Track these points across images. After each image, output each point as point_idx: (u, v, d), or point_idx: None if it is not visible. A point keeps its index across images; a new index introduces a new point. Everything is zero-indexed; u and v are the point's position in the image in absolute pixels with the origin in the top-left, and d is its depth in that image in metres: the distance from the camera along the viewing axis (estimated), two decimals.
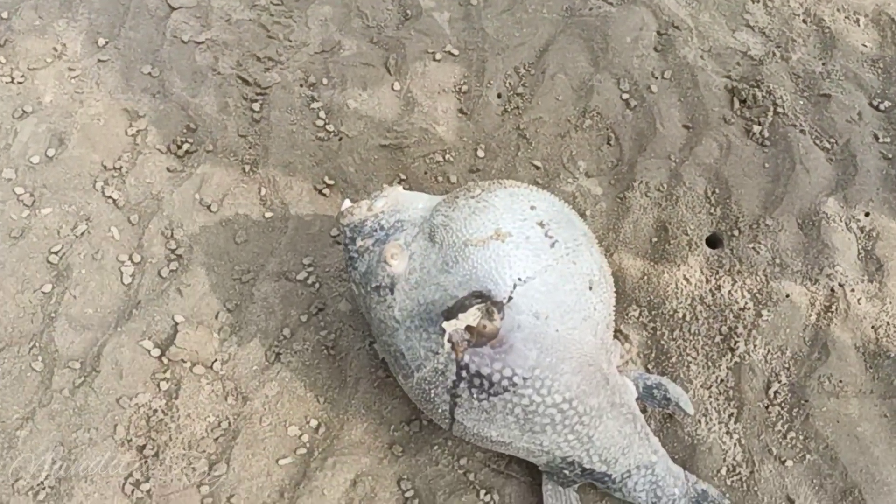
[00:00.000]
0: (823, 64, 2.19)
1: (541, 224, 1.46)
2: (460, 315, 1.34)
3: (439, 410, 1.47)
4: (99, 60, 2.09)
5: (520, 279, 1.39)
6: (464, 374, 1.39)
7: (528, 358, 1.38)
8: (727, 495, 1.61)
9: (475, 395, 1.40)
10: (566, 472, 1.54)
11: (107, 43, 2.12)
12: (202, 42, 2.14)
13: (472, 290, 1.38)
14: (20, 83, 2.03)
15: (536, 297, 1.39)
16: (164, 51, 2.12)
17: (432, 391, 1.44)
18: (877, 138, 2.05)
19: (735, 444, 1.69)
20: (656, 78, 2.15)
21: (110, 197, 1.90)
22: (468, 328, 1.36)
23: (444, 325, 1.34)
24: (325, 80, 2.11)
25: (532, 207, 1.49)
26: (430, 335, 1.41)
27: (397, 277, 1.46)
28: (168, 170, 1.96)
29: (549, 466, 1.55)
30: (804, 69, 2.18)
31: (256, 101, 2.07)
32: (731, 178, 2.01)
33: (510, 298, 1.37)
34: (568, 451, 1.49)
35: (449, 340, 1.37)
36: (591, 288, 1.46)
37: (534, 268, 1.40)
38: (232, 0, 2.22)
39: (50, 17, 2.15)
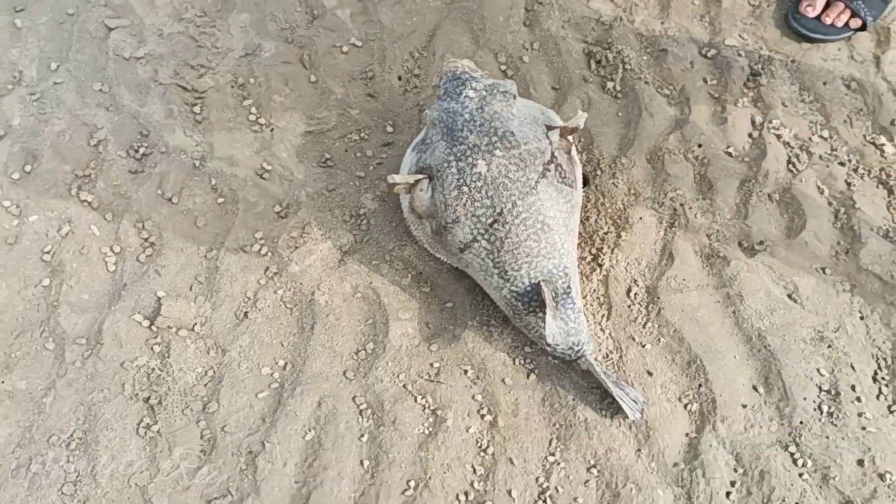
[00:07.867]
0: (661, 23, 2.58)
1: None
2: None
3: (523, 179, 1.90)
4: (54, 83, 2.35)
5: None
6: (556, 157, 1.96)
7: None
8: (608, 373, 2.01)
9: (557, 177, 1.95)
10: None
11: (58, 66, 2.39)
12: (141, 57, 2.43)
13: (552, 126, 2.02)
14: None
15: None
16: (110, 68, 2.40)
17: (530, 162, 1.91)
18: (706, 81, 2.49)
19: (607, 337, 2.02)
20: (527, 49, 2.50)
21: (85, 200, 2.16)
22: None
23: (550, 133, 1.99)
24: (251, 80, 2.41)
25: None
26: (538, 128, 1.97)
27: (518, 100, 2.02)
28: (130, 172, 2.24)
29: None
30: (646, 29, 2.55)
31: (196, 104, 2.35)
32: (592, 127, 2.34)
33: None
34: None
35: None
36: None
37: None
38: (161, 16, 2.51)
39: (3, 48, 2.41)
